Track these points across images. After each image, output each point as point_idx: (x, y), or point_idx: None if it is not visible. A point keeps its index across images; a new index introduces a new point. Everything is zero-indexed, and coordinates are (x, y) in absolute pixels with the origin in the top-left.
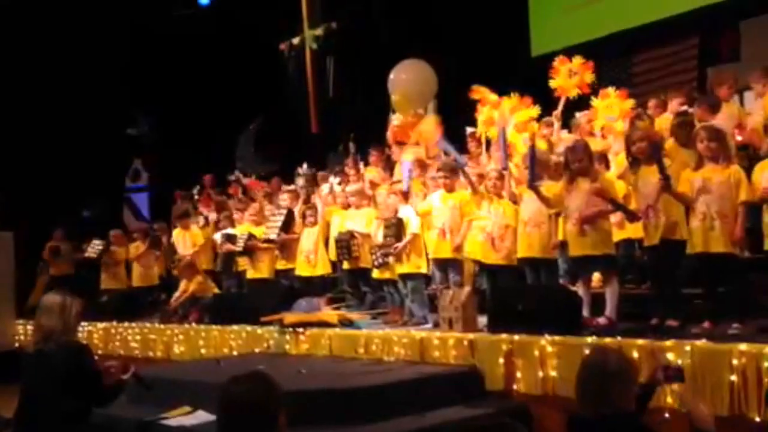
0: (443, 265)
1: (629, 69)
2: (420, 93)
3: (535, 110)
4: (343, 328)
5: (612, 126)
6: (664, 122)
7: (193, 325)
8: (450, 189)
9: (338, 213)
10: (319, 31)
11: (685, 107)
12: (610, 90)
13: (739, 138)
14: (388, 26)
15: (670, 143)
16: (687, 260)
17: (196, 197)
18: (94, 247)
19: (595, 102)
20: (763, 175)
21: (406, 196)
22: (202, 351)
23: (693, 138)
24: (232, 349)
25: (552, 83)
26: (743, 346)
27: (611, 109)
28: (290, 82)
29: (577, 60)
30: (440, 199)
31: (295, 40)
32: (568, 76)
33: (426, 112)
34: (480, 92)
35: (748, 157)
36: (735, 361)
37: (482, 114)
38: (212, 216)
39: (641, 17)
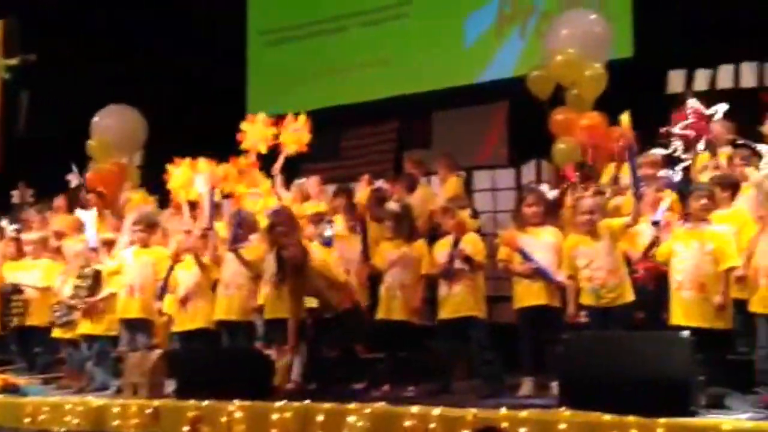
0: (131, 325)
1: (339, 143)
2: (124, 141)
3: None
4: (6, 395)
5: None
6: (365, 196)
7: None
8: (145, 244)
9: (9, 264)
10: (14, 61)
11: (381, 184)
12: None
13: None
14: (97, 69)
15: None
16: (372, 326)
17: None
18: None
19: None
20: (441, 252)
21: (95, 251)
22: None
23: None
24: None
25: (281, 138)
26: (415, 409)
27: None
28: None
29: (302, 118)
30: (133, 255)
31: None
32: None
33: (131, 163)
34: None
35: (433, 234)
36: (407, 423)
37: (176, 177)
38: None
39: (350, 97)
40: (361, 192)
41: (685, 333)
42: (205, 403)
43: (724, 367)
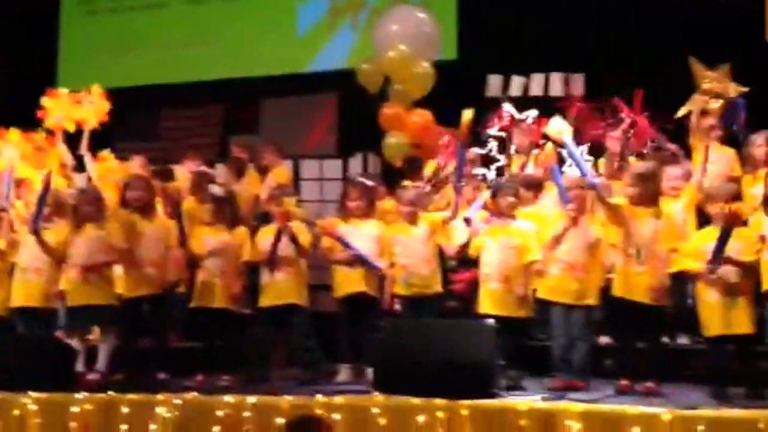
0: None
1: (158, 123)
2: None
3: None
4: None
5: None
6: (185, 178)
7: None
8: None
9: None
10: None
11: (203, 168)
12: None
13: None
14: None
15: (191, 201)
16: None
17: None
18: None
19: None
20: (265, 239)
21: None
22: None
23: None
24: None
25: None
26: (228, 398)
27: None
28: None
29: (97, 88)
30: None
31: None
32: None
33: None
34: None
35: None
36: (220, 413)
37: None
38: None
39: (172, 77)
40: (181, 174)
41: (490, 321)
42: None
43: (523, 352)
